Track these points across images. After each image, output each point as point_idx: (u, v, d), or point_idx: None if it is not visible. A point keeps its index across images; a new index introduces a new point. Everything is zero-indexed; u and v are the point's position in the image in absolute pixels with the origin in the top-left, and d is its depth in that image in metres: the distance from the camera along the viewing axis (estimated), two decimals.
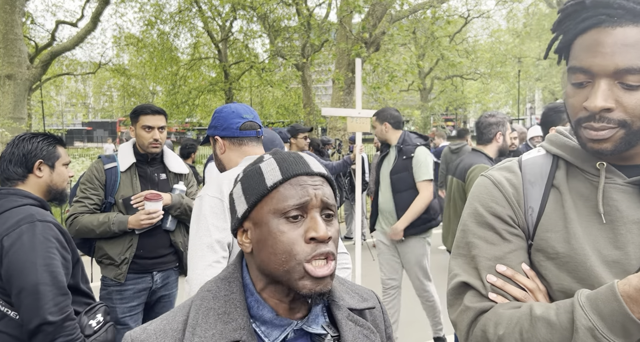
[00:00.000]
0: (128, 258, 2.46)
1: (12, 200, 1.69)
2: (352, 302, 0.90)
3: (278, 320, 0.81)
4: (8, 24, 8.54)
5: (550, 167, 0.98)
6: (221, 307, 0.80)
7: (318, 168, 0.83)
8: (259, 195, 0.79)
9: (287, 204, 0.77)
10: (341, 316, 0.86)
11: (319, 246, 0.77)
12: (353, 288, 0.96)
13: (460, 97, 28.19)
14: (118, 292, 2.48)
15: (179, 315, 0.82)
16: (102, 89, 40.43)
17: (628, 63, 0.81)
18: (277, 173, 0.80)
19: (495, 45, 23.44)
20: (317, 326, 0.84)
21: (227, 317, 0.78)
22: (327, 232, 0.77)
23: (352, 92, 10.59)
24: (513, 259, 0.95)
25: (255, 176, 0.82)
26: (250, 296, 0.82)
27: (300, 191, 0.78)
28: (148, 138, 2.50)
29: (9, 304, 1.63)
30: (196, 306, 0.81)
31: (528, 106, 53.11)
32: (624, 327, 0.75)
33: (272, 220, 0.78)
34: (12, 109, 8.71)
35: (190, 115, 20.02)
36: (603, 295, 0.77)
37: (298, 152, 0.87)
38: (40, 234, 1.62)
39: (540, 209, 0.96)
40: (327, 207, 0.80)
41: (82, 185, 2.48)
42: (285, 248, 0.76)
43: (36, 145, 1.81)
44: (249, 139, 1.77)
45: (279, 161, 0.82)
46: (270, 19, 13.56)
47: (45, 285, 1.57)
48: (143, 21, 16.31)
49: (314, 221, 0.77)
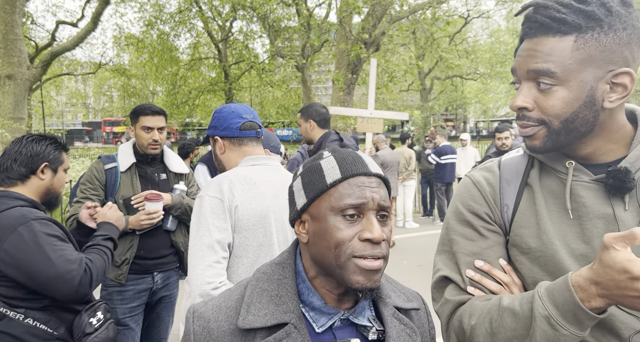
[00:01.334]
0: (129, 259, 2.45)
1: (2, 202, 1.69)
2: (399, 301, 0.93)
3: (326, 308, 0.85)
4: (8, 24, 8.53)
5: (525, 167, 1.05)
6: (274, 289, 0.85)
7: (376, 169, 0.86)
8: (318, 191, 0.83)
9: (344, 203, 0.81)
10: (387, 312, 0.89)
11: (373, 247, 0.80)
12: (400, 288, 0.99)
13: (460, 97, 28.16)
14: (119, 293, 2.47)
15: (235, 293, 0.88)
16: (102, 89, 40.42)
17: (536, 65, 0.91)
18: (337, 172, 0.83)
19: (495, 46, 23.42)
20: (364, 318, 0.87)
21: (279, 300, 0.83)
22: (382, 234, 0.80)
23: (351, 93, 10.59)
24: (490, 255, 1.02)
25: (315, 172, 0.86)
26: (302, 283, 0.87)
27: (358, 191, 0.81)
28: (147, 139, 2.50)
29: (8, 304, 1.63)
30: (252, 286, 0.86)
31: None
32: (576, 316, 0.79)
33: (329, 216, 0.81)
34: (12, 109, 8.70)
35: (190, 115, 20.01)
36: (558, 286, 0.82)
37: (355, 151, 0.90)
38: (39, 231, 1.63)
39: (514, 206, 1.02)
40: (383, 209, 0.83)
41: (82, 185, 2.48)
42: (340, 243, 0.80)
43: (44, 148, 1.82)
44: (248, 139, 1.77)
45: (339, 160, 0.85)
46: (270, 19, 13.54)
47: (68, 272, 1.64)
48: (143, 21, 16.31)
49: (369, 222, 0.81)
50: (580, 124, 0.92)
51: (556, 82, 0.90)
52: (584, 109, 0.90)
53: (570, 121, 0.91)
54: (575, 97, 0.90)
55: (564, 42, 0.89)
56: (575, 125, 0.92)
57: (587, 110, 0.91)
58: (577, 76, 0.89)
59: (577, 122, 0.91)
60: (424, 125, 25.14)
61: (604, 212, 0.92)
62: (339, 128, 11.08)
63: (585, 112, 0.91)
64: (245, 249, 1.60)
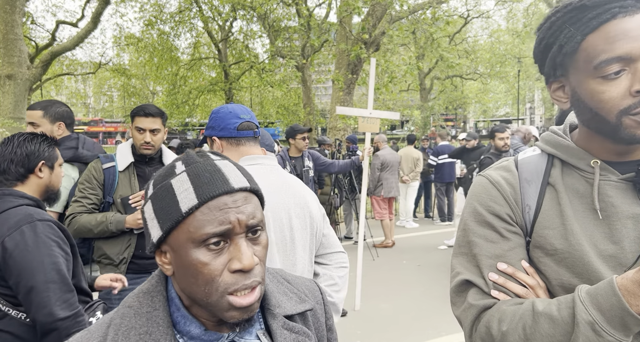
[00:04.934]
0: (127, 258, 2.46)
1: (7, 201, 1.69)
2: (289, 306, 0.87)
3: (207, 335, 0.77)
4: (8, 24, 8.53)
5: (545, 166, 1.01)
6: (143, 326, 0.73)
7: (239, 182, 0.74)
8: (173, 221, 0.71)
9: (204, 233, 0.69)
10: (276, 325, 0.82)
11: (245, 277, 0.71)
12: (292, 287, 0.93)
13: (460, 97, 28.18)
14: (117, 293, 2.48)
15: (96, 335, 0.74)
16: (102, 89, 40.45)
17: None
18: (192, 196, 0.71)
19: (495, 45, 23.43)
20: (251, 335, 0.81)
21: (149, 337, 0.72)
22: (253, 260, 0.72)
23: (351, 93, 10.59)
24: (513, 257, 0.97)
25: (167, 197, 0.72)
26: (177, 311, 0.77)
27: (220, 216, 0.70)
28: (140, 140, 2.51)
29: (10, 303, 1.63)
30: (116, 325, 0.74)
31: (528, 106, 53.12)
32: (623, 321, 0.76)
33: (190, 249, 0.70)
34: (12, 109, 8.71)
35: (190, 115, 20.02)
36: (602, 290, 0.79)
37: (214, 159, 0.79)
38: (42, 234, 1.63)
39: (537, 206, 0.98)
40: (253, 227, 0.74)
41: (80, 185, 2.48)
42: (207, 280, 0.70)
43: (38, 146, 1.81)
44: (246, 139, 1.78)
45: (193, 178, 0.72)
46: (270, 19, 13.56)
47: (54, 283, 1.59)
48: (143, 21, 16.31)
49: (237, 250, 0.71)
50: None
51: None
52: None
53: None
54: None
55: None
56: None
57: None
58: None
59: None
60: (424, 125, 25.15)
61: (634, 212, 0.90)
62: (339, 128, 11.08)
63: None
64: None
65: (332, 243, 1.82)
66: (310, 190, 1.82)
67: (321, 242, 1.79)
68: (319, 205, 1.80)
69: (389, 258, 6.73)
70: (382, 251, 7.09)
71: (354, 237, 7.81)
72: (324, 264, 1.80)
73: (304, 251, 1.67)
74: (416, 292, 5.24)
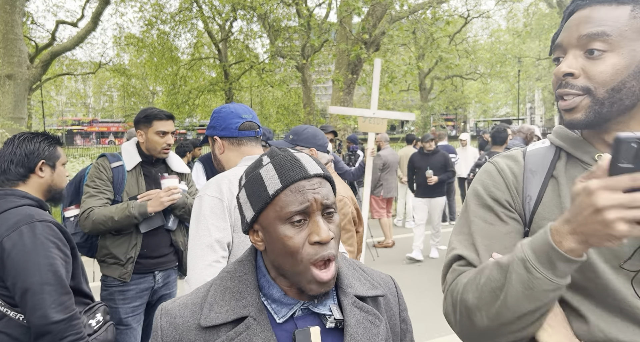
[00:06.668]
0: (133, 257, 2.47)
1: (9, 201, 1.69)
2: (362, 289, 0.96)
3: (286, 299, 0.89)
4: (8, 24, 8.53)
5: (552, 158, 1.03)
6: (236, 286, 0.89)
7: (315, 169, 0.87)
8: (263, 202, 0.85)
9: (288, 211, 0.83)
10: (347, 302, 0.92)
11: (322, 248, 0.84)
12: (366, 276, 1.01)
13: (460, 97, 28.20)
14: (120, 293, 2.48)
15: (201, 291, 0.92)
16: (102, 89, 40.44)
17: (589, 30, 0.90)
18: (277, 181, 0.85)
19: (495, 45, 23.43)
20: (324, 307, 0.91)
21: (239, 295, 0.88)
22: (329, 234, 0.84)
23: (351, 93, 10.60)
24: (509, 241, 1.00)
25: (257, 183, 0.87)
26: (262, 277, 0.91)
27: (300, 197, 0.83)
28: (162, 143, 2.52)
29: (9, 304, 1.63)
30: (216, 284, 0.91)
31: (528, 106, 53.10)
32: (549, 257, 0.80)
33: (278, 225, 0.84)
34: (12, 109, 8.70)
35: (190, 115, 20.02)
36: (539, 233, 0.84)
37: (293, 152, 0.91)
38: (40, 235, 1.62)
39: (537, 197, 1.01)
40: (328, 207, 0.86)
41: (92, 182, 2.48)
42: (292, 252, 0.83)
43: (38, 146, 1.81)
44: (248, 139, 1.78)
45: (277, 167, 0.87)
46: (270, 19, 13.54)
47: (50, 285, 1.58)
48: (143, 21, 16.31)
49: (315, 225, 0.84)
50: (626, 95, 0.90)
51: (608, 47, 0.89)
52: (631, 79, 0.90)
53: (616, 90, 0.90)
54: (626, 65, 0.89)
55: (620, 10, 0.89)
56: (620, 95, 0.90)
57: (635, 81, 0.90)
58: (631, 44, 0.89)
59: (623, 93, 0.90)
60: (424, 125, 25.15)
61: None
62: (339, 128, 11.09)
63: (633, 82, 0.90)
64: (244, 248, 1.60)
65: None
66: None
67: None
68: None
69: (389, 258, 6.73)
70: (382, 250, 7.09)
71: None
72: None
73: None
74: (416, 292, 5.24)
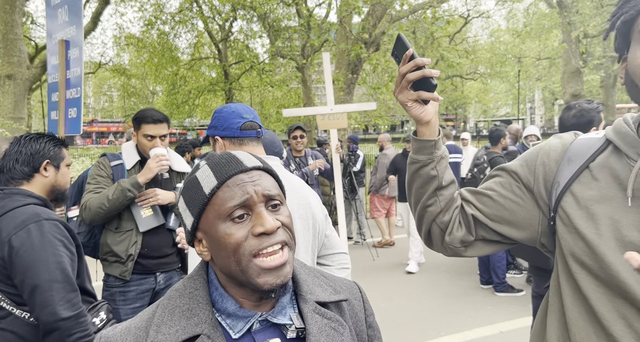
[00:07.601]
0: (133, 255, 2.47)
1: (15, 199, 1.71)
2: (322, 294, 0.91)
3: (242, 311, 0.83)
4: (8, 24, 8.53)
5: (597, 149, 1.03)
6: (186, 303, 0.82)
7: (252, 162, 0.84)
8: (201, 205, 0.80)
9: (228, 206, 0.78)
10: (307, 309, 0.87)
11: (268, 238, 0.78)
12: (327, 281, 0.97)
13: (460, 97, 28.18)
14: (121, 294, 2.48)
15: (147, 313, 0.85)
16: (102, 89, 40.43)
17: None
18: (212, 179, 0.80)
19: (495, 45, 23.41)
20: (284, 316, 0.85)
21: (190, 313, 0.81)
22: (275, 222, 0.79)
23: (351, 92, 10.58)
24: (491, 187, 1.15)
25: (193, 187, 0.82)
26: (215, 291, 0.85)
27: (239, 190, 0.79)
28: (149, 146, 2.53)
29: (15, 302, 1.64)
30: (163, 305, 0.84)
31: (528, 106, 53.11)
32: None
33: (219, 225, 0.79)
34: (12, 109, 8.70)
35: (190, 115, 20.01)
36: None
37: (229, 151, 0.88)
38: (48, 233, 1.64)
39: (566, 185, 1.02)
40: (272, 199, 0.81)
41: (93, 179, 2.50)
42: (234, 248, 0.77)
43: (43, 146, 1.84)
44: (249, 139, 1.77)
45: (212, 166, 0.82)
46: (270, 19, 13.53)
47: (58, 282, 1.60)
48: (143, 21, 16.30)
49: (258, 216, 0.79)
50: None
51: None
52: None
53: None
54: None
55: None
56: None
57: None
58: None
59: None
60: None
61: None
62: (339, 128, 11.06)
63: None
64: None
65: (334, 244, 1.82)
66: (313, 191, 1.82)
67: (323, 243, 1.79)
68: (321, 206, 1.80)
69: (389, 258, 6.73)
70: (382, 250, 7.09)
71: (354, 237, 7.81)
72: (326, 265, 1.80)
73: (306, 252, 1.67)
74: (416, 292, 5.24)
